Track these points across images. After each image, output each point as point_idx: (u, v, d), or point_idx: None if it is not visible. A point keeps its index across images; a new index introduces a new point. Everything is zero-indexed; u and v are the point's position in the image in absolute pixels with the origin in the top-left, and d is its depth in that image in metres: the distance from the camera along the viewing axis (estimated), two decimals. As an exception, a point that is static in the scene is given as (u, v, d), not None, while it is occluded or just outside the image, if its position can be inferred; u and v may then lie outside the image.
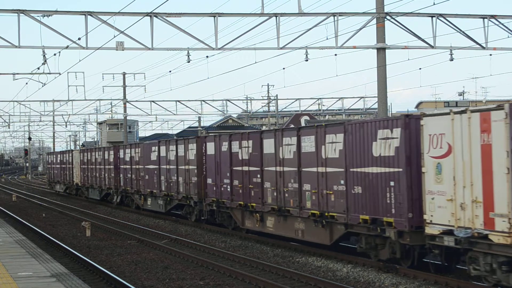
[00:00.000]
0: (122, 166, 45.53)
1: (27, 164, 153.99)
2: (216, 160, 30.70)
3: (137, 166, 42.08)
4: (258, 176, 26.90)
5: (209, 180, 31.67)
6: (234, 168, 29.01)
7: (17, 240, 24.91)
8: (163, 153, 37.60)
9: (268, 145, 26.05)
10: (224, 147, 30.09)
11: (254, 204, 27.23)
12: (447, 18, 32.75)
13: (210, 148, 31.48)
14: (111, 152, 47.85)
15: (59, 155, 68.39)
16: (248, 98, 77.23)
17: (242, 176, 28.36)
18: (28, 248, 22.65)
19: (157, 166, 38.22)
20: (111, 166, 47.59)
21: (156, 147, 38.59)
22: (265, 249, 25.29)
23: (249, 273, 20.15)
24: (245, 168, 28.04)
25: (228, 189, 29.65)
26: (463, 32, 33.21)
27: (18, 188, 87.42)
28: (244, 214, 28.70)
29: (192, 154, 33.33)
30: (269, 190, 25.97)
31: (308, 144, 23.19)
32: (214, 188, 31.08)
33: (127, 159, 44.16)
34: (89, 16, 31.48)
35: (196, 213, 33.53)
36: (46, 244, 28.23)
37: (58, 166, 68.51)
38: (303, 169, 23.49)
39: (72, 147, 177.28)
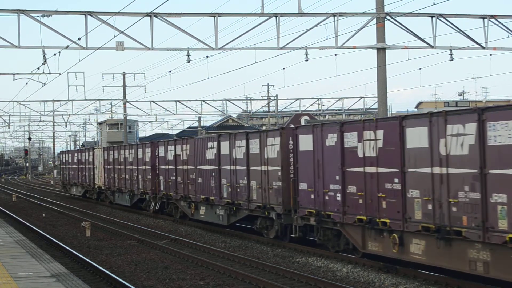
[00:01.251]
0: (162, 167, 37.61)
1: (27, 164, 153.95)
2: (316, 159, 22.99)
3: (185, 167, 34.06)
4: (396, 180, 19.28)
5: (303, 186, 24.08)
6: (350, 170, 21.24)
7: (17, 240, 24.91)
8: (225, 150, 29.74)
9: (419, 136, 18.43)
10: (331, 140, 22.25)
11: (387, 220, 19.57)
12: (447, 18, 32.76)
13: (305, 142, 23.75)
14: (147, 150, 40.14)
15: (76, 154, 60.24)
16: (248, 98, 77.25)
17: (364, 181, 20.61)
18: (28, 248, 22.65)
19: (216, 167, 30.40)
20: (147, 167, 40.00)
21: (214, 143, 30.74)
22: (265, 249, 25.29)
23: (249, 273, 20.15)
24: (371, 170, 20.26)
25: (338, 198, 21.89)
26: (463, 32, 33.22)
27: (18, 188, 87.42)
28: (367, 234, 20.87)
29: (273, 151, 25.75)
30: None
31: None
32: (312, 196, 23.38)
33: (170, 157, 36.23)
34: (89, 16, 31.49)
35: (278, 228, 26.16)
36: (46, 244, 28.23)
37: (75, 166, 60.36)
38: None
39: (72, 147, 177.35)
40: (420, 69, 53.20)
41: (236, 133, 29.19)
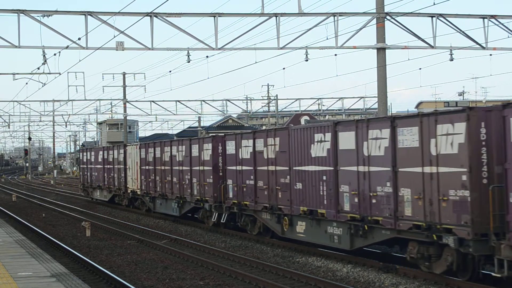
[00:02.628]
0: (231, 168, 28.91)
1: (27, 164, 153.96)
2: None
3: (272, 168, 25.54)
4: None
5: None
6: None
7: (17, 240, 24.91)
8: (347, 144, 21.11)
9: None
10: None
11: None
12: (447, 18, 32.75)
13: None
14: (207, 146, 31.74)
15: (101, 152, 50.97)
16: (248, 98, 77.24)
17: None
18: (28, 248, 22.66)
19: (330, 168, 22.03)
20: (207, 167, 31.70)
21: (327, 135, 22.17)
22: (265, 249, 25.29)
23: (249, 273, 20.15)
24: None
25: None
26: (463, 32, 33.22)
27: (18, 188, 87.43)
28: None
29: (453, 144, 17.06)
30: None
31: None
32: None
33: (246, 155, 27.68)
34: (89, 16, 31.48)
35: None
36: (46, 244, 28.23)
37: (99, 166, 51.18)
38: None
39: (72, 147, 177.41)
40: (420, 69, 53.22)
41: (371, 119, 20.50)
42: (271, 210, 25.67)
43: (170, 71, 53.94)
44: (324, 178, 22.35)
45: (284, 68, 54.29)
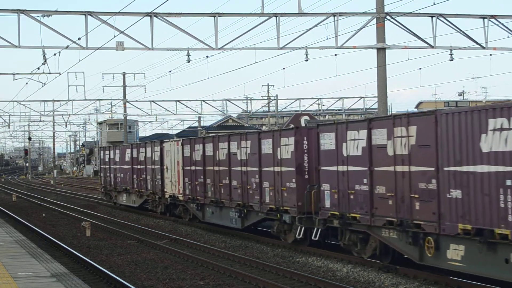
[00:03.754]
0: (328, 168, 22.32)
1: (27, 164, 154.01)
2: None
3: (403, 168, 18.74)
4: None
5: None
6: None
7: (17, 240, 24.91)
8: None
9: None
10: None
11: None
12: (447, 18, 32.76)
13: None
14: (287, 141, 24.84)
15: (129, 150, 43.35)
16: (248, 98, 77.27)
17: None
18: (28, 248, 22.66)
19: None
20: (286, 168, 24.92)
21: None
22: (265, 249, 25.29)
23: (249, 273, 20.15)
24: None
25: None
26: (463, 32, 33.22)
27: (18, 188, 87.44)
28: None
29: None
30: None
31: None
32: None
33: (353, 151, 20.96)
34: (89, 16, 31.49)
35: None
36: (46, 244, 28.23)
37: (126, 167, 43.80)
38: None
39: (72, 148, 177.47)
40: (420, 69, 53.24)
41: None
42: (401, 227, 18.81)
43: (170, 71, 54.03)
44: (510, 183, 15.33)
45: (284, 68, 54.46)
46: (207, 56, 36.28)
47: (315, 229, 23.13)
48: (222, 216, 30.13)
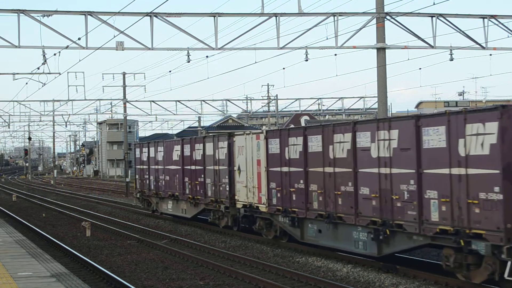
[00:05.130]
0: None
1: (27, 164, 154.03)
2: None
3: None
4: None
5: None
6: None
7: (17, 240, 24.92)
8: None
9: None
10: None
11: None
12: (447, 18, 32.77)
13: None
14: (481, 128, 15.94)
15: (178, 147, 34.71)
16: (248, 98, 77.27)
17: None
18: (28, 248, 22.66)
19: None
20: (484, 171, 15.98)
21: None
22: (265, 249, 25.29)
23: (249, 273, 20.14)
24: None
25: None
26: (463, 32, 33.23)
27: (18, 188, 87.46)
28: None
29: None
30: None
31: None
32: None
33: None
34: (89, 16, 31.49)
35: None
36: (46, 244, 28.24)
37: (174, 167, 35.22)
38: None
39: (72, 148, 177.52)
40: (420, 69, 53.28)
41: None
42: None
43: (170, 71, 54.07)
44: None
45: (284, 68, 54.45)
46: (207, 56, 36.31)
47: None
48: (338, 236, 22.01)
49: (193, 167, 32.92)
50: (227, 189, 29.19)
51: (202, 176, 31.74)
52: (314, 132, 22.97)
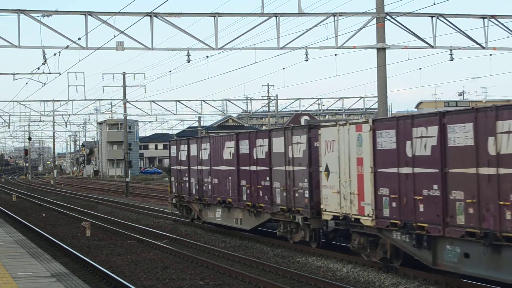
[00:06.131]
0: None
1: (27, 164, 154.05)
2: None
3: None
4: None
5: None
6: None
7: (17, 240, 24.92)
8: None
9: None
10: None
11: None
12: (447, 18, 32.75)
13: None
14: None
15: (231, 143, 29.03)
16: (248, 98, 77.28)
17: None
18: (28, 248, 22.66)
19: None
20: None
21: None
22: (265, 249, 25.29)
23: (249, 273, 20.15)
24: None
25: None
26: (463, 32, 33.22)
27: (18, 188, 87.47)
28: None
29: None
30: None
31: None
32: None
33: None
34: (89, 16, 31.48)
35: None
36: (46, 244, 28.24)
37: (224, 168, 29.50)
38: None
39: (72, 148, 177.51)
40: (420, 69, 53.21)
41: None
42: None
43: (170, 71, 54.07)
44: None
45: (284, 68, 54.47)
46: (207, 56, 36.28)
47: None
48: (502, 264, 16.13)
49: (253, 168, 27.02)
50: (306, 195, 23.42)
51: (268, 179, 25.95)
52: (460, 119, 16.87)
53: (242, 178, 28.00)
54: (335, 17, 32.05)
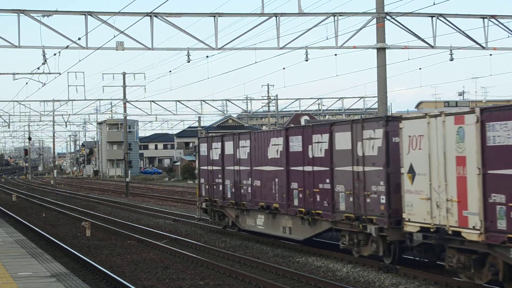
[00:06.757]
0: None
1: (27, 164, 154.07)
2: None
3: None
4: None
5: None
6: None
7: (17, 240, 24.92)
8: None
9: None
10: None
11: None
12: (447, 18, 32.76)
13: None
14: None
15: (277, 139, 25.54)
16: (248, 98, 77.26)
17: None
18: (28, 248, 22.66)
19: None
20: None
21: None
22: (265, 249, 25.29)
23: (249, 273, 20.14)
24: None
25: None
26: (463, 32, 33.22)
27: (18, 188, 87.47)
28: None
29: None
30: None
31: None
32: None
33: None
34: (89, 16, 31.48)
35: None
36: (46, 244, 28.24)
37: (269, 168, 26.08)
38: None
39: (72, 148, 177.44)
40: (420, 69, 53.17)
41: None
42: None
43: (170, 71, 54.03)
44: None
45: (284, 68, 54.49)
46: (207, 56, 36.27)
47: None
48: None
49: (308, 168, 23.38)
50: (382, 201, 19.82)
51: (328, 181, 22.24)
52: None
53: (293, 180, 24.32)
54: (335, 17, 32.05)
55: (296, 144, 24.16)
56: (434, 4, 28.24)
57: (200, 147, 32.18)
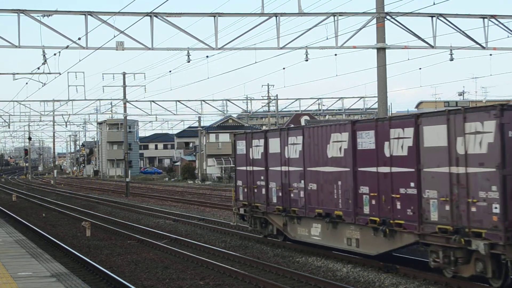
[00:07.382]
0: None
1: (27, 164, 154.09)
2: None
3: None
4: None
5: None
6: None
7: (17, 240, 24.91)
8: None
9: None
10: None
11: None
12: (447, 18, 32.77)
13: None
14: None
15: (339, 135, 21.47)
16: (248, 98, 77.27)
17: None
18: (28, 248, 22.65)
19: None
20: None
21: None
22: (265, 249, 25.29)
23: (249, 273, 20.14)
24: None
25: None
26: (463, 32, 33.24)
27: (18, 188, 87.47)
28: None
29: None
30: None
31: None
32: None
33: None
34: (89, 16, 31.49)
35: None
36: (46, 244, 28.23)
37: (325, 170, 22.26)
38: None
39: (72, 148, 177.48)
40: (420, 69, 53.25)
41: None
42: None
43: (170, 71, 54.06)
44: None
45: (284, 68, 54.60)
46: (207, 56, 36.31)
47: None
48: None
49: (383, 170, 19.51)
50: (495, 210, 15.92)
51: (412, 185, 18.38)
52: None
53: (362, 184, 20.50)
54: (335, 17, 32.06)
55: (366, 140, 20.29)
56: (434, 4, 28.28)
57: (237, 144, 28.29)
